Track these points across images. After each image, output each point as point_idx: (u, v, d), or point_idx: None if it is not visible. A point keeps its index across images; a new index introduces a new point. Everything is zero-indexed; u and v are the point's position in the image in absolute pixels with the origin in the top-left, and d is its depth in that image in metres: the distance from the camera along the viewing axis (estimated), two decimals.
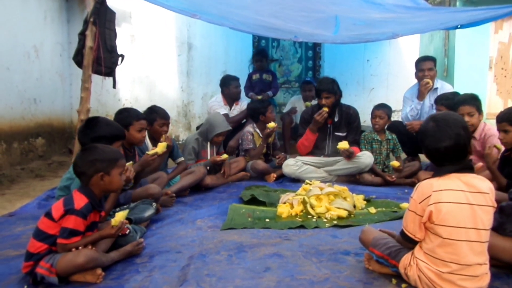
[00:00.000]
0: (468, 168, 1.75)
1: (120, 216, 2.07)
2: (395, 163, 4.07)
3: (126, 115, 3.10)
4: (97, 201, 2.07)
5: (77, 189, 2.06)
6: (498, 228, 1.89)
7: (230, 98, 5.22)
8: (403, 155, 4.94)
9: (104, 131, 2.55)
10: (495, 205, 1.74)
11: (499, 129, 2.79)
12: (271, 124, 4.41)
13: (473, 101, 3.43)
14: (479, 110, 3.45)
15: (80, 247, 1.97)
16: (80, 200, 1.97)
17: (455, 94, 4.08)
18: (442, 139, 1.72)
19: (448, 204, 1.67)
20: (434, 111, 4.17)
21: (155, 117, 3.67)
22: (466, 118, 3.30)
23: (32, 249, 1.94)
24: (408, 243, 1.82)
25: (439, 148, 1.74)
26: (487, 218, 1.70)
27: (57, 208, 1.96)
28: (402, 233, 1.83)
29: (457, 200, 1.68)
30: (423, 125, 1.85)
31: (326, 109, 4.15)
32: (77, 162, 2.10)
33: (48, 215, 1.96)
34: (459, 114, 3.36)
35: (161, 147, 3.27)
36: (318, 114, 4.17)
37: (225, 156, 4.12)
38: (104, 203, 2.19)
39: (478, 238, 1.68)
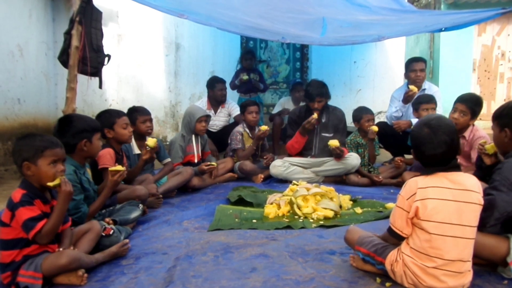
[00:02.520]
0: (455, 167, 1.79)
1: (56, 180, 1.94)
2: (374, 127, 4.19)
3: (107, 116, 3.10)
4: (38, 192, 1.94)
5: (19, 185, 1.95)
6: (479, 225, 1.93)
7: (215, 100, 5.25)
8: (389, 156, 5.01)
9: (82, 124, 2.52)
10: (482, 203, 1.78)
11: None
12: (264, 127, 4.42)
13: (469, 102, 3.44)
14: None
15: (61, 249, 1.94)
16: (16, 194, 1.88)
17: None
18: (440, 146, 1.77)
19: (434, 200, 1.72)
20: None
21: (136, 115, 3.66)
22: (455, 115, 3.40)
23: (4, 260, 1.90)
24: (394, 239, 1.86)
25: (436, 154, 1.78)
26: (472, 215, 1.75)
27: (4, 213, 1.90)
28: (390, 229, 1.87)
29: (443, 197, 1.73)
30: (416, 131, 1.86)
31: (315, 116, 4.14)
32: (12, 151, 1.98)
33: (2, 223, 1.90)
34: (453, 110, 3.41)
35: (152, 142, 3.37)
36: (308, 122, 4.16)
37: (214, 164, 4.10)
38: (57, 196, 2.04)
39: (463, 234, 1.73)
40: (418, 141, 1.83)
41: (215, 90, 5.19)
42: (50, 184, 1.93)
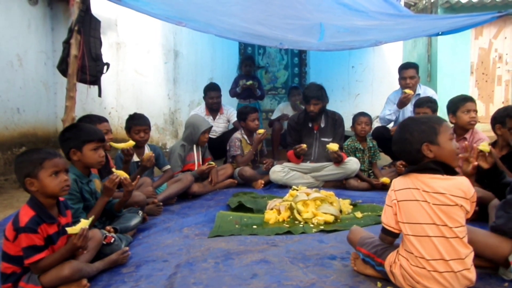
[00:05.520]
0: (428, 168, 1.78)
1: (79, 224, 1.90)
2: (386, 179, 4.08)
3: (88, 121, 3.03)
4: (46, 212, 1.90)
5: (27, 201, 1.92)
6: (509, 223, 1.90)
7: (209, 108, 5.27)
8: (389, 159, 5.01)
9: (72, 133, 2.48)
10: (458, 203, 1.72)
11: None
12: (260, 130, 4.44)
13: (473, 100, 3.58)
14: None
15: None
16: (24, 216, 1.84)
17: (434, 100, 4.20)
18: (394, 143, 1.91)
19: (405, 202, 1.78)
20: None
21: (130, 124, 3.67)
22: (473, 114, 3.45)
23: (5, 271, 1.89)
24: (388, 236, 1.88)
25: (395, 151, 1.92)
26: (447, 216, 1.72)
27: (9, 228, 1.87)
28: (383, 228, 1.89)
29: (412, 198, 1.77)
30: (399, 125, 1.98)
31: (304, 146, 4.18)
32: (14, 170, 1.95)
33: (5, 236, 1.88)
34: (467, 110, 3.44)
35: (127, 144, 3.24)
36: (296, 149, 4.20)
37: (212, 164, 4.11)
38: (64, 210, 2.04)
39: (441, 233, 1.72)
40: (396, 135, 1.93)
41: (206, 98, 5.23)
42: (69, 231, 1.88)
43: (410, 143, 1.81)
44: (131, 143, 3.26)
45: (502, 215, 1.95)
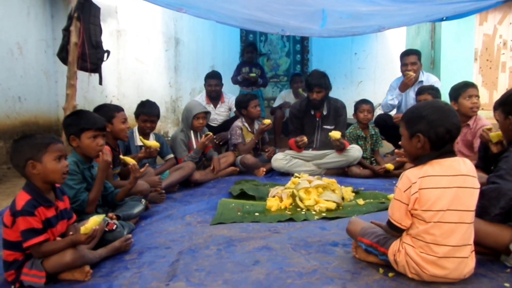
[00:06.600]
0: (449, 152, 1.78)
1: (92, 223, 1.89)
2: (390, 166, 4.06)
3: (107, 109, 3.04)
4: (43, 196, 1.90)
5: (23, 187, 1.92)
6: (482, 213, 1.92)
7: (209, 96, 5.24)
8: (391, 147, 5.00)
9: (71, 120, 2.50)
10: (478, 186, 1.77)
11: None
12: (267, 121, 4.42)
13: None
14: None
15: None
16: (20, 200, 1.84)
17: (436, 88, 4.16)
18: (450, 125, 1.75)
19: (430, 189, 1.72)
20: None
21: (139, 112, 3.67)
22: (475, 100, 3.43)
23: (7, 258, 1.90)
24: (394, 231, 1.85)
25: (459, 125, 1.77)
26: (469, 199, 1.74)
27: (6, 215, 1.87)
28: (389, 222, 1.86)
29: (439, 185, 1.72)
30: (432, 105, 1.81)
31: (305, 139, 4.19)
32: (10, 154, 1.95)
33: (4, 223, 1.88)
34: (468, 95, 3.45)
35: (154, 144, 3.35)
36: (298, 141, 4.21)
37: (210, 134, 4.09)
38: (61, 195, 2.04)
39: (461, 219, 1.72)
40: (439, 111, 1.75)
41: (206, 86, 5.22)
42: (83, 231, 1.88)
43: (455, 126, 1.77)
44: (157, 144, 3.36)
45: (477, 204, 1.96)
